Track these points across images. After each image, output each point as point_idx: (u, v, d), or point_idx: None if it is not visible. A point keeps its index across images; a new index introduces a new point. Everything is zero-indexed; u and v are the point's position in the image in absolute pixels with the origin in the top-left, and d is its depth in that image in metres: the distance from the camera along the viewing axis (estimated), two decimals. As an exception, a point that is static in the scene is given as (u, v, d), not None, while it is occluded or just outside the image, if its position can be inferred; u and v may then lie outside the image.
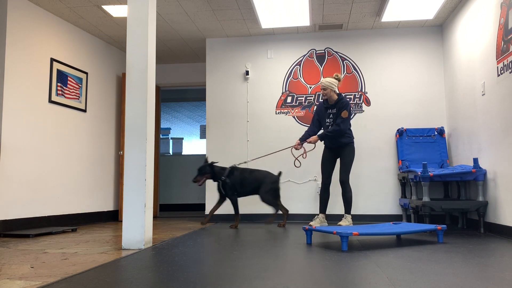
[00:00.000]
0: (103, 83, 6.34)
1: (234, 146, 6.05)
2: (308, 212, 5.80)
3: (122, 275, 2.35)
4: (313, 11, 5.30)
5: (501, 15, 3.98)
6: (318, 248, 3.25)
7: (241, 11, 5.29)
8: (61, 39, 5.46)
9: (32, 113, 4.94)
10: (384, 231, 3.33)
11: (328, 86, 4.81)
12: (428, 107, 5.74)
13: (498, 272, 2.32)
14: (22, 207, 4.75)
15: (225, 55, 6.22)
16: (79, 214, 5.68)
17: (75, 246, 3.57)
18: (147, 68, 3.55)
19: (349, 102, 5.01)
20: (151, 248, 3.36)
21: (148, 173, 3.47)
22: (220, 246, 3.42)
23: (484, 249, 3.19)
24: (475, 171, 4.36)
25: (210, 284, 2.09)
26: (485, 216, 4.43)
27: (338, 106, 4.86)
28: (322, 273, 2.33)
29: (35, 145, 4.97)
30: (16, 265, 2.70)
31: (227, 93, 6.15)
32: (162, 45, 6.49)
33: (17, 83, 4.73)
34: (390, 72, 5.87)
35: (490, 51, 4.22)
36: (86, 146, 5.87)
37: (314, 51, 6.04)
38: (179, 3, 5.05)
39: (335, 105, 4.89)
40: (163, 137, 10.10)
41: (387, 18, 5.40)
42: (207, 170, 5.02)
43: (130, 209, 3.42)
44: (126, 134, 3.51)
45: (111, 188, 6.42)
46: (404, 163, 5.43)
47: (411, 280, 2.14)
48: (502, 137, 4.02)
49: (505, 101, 3.93)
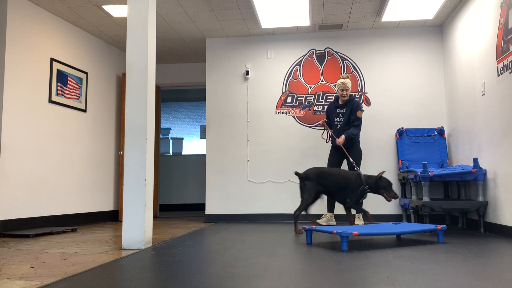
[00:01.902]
0: (103, 83, 6.34)
1: (234, 146, 6.05)
2: (312, 212, 5.79)
3: (122, 275, 2.35)
4: (313, 11, 5.30)
5: (501, 15, 3.98)
6: (318, 248, 3.25)
7: (241, 11, 5.28)
8: (61, 39, 5.46)
9: (32, 113, 4.94)
10: (384, 231, 3.33)
11: (349, 87, 5.05)
12: (428, 107, 5.73)
13: (498, 272, 2.32)
14: (22, 207, 4.75)
15: (225, 55, 6.22)
16: (79, 214, 5.68)
17: (75, 246, 3.56)
18: (147, 68, 3.55)
19: (360, 102, 5.22)
20: (151, 248, 3.36)
21: (148, 173, 3.47)
22: (220, 246, 3.42)
23: (484, 249, 3.18)
24: (475, 171, 4.35)
25: (210, 284, 2.09)
26: (485, 216, 4.43)
27: (350, 106, 5.05)
28: (322, 273, 2.33)
29: (35, 145, 4.96)
30: (16, 265, 2.70)
31: (227, 93, 6.15)
32: (162, 45, 6.49)
33: (17, 83, 4.73)
34: (390, 72, 5.87)
35: (490, 51, 4.22)
36: (86, 146, 5.87)
37: (314, 51, 6.04)
38: (179, 3, 5.05)
39: (345, 104, 5.08)
40: (163, 137, 10.10)
41: (387, 18, 5.40)
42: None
43: (130, 209, 3.42)
44: (126, 134, 3.51)
45: (111, 188, 6.42)
46: (404, 163, 5.43)
47: (411, 280, 2.14)
48: (502, 137, 4.02)
49: (505, 101, 3.93)
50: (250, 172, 5.97)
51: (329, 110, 5.27)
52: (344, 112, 5.07)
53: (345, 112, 5.07)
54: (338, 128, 5.11)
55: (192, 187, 8.83)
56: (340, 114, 5.11)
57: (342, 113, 5.09)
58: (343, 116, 5.08)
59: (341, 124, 5.09)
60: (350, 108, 5.04)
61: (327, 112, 5.29)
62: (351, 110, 5.04)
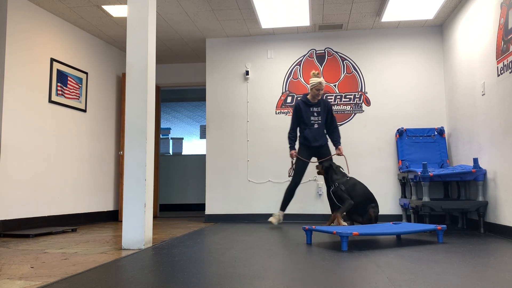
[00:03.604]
0: (103, 83, 6.34)
1: (234, 146, 6.05)
2: (308, 212, 5.80)
3: (122, 275, 2.35)
4: (313, 11, 5.30)
5: (501, 15, 3.98)
6: (318, 248, 3.25)
7: (241, 11, 5.29)
8: (61, 39, 5.46)
9: (32, 113, 4.94)
10: (384, 231, 3.33)
11: (324, 87, 4.95)
12: (428, 107, 5.74)
13: (498, 272, 2.32)
14: (22, 207, 4.75)
15: (225, 55, 6.22)
16: (79, 214, 5.68)
17: (75, 246, 3.57)
18: (147, 68, 3.55)
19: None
20: (151, 248, 3.36)
21: (148, 173, 3.47)
22: (219, 246, 3.42)
23: (484, 249, 3.18)
24: (475, 171, 4.35)
25: (210, 284, 2.09)
26: (485, 216, 4.43)
27: (325, 105, 4.99)
28: (322, 273, 2.33)
29: (35, 145, 4.96)
30: (16, 265, 2.70)
31: (227, 93, 6.15)
32: (162, 45, 6.49)
33: (17, 83, 4.73)
34: (390, 72, 5.87)
35: (490, 51, 4.22)
36: (86, 146, 5.87)
37: (314, 51, 6.04)
38: (179, 3, 5.05)
39: (319, 103, 4.99)
40: (163, 137, 10.10)
41: (387, 18, 5.40)
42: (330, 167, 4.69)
43: (130, 209, 3.42)
44: (126, 134, 3.51)
45: (111, 188, 6.42)
46: (404, 163, 5.43)
47: (411, 280, 2.14)
48: (502, 137, 4.02)
49: (505, 101, 3.93)
50: (250, 172, 5.97)
51: (299, 109, 4.98)
52: (320, 111, 4.96)
53: (321, 110, 4.96)
54: (317, 127, 4.94)
55: (192, 187, 8.83)
56: (315, 113, 4.96)
57: (318, 111, 4.95)
58: (318, 114, 4.95)
59: (319, 123, 4.95)
60: (325, 106, 4.96)
61: (298, 111, 4.98)
62: (327, 109, 4.97)
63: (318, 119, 4.97)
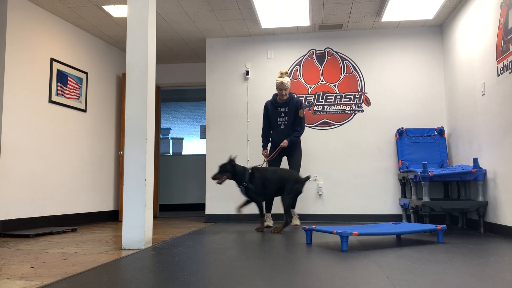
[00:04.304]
0: (103, 83, 6.34)
1: (234, 146, 6.05)
2: (308, 212, 5.80)
3: (122, 275, 2.35)
4: (313, 11, 5.30)
5: (501, 15, 3.98)
6: (318, 248, 3.25)
7: (241, 11, 5.29)
8: (61, 39, 5.46)
9: (32, 113, 4.94)
10: (384, 231, 3.33)
11: (288, 86, 4.88)
12: (428, 107, 5.74)
13: (498, 272, 2.32)
14: (22, 207, 4.75)
15: (225, 55, 6.22)
16: (79, 214, 5.68)
17: (75, 246, 3.57)
18: (147, 68, 3.55)
19: (301, 100, 5.13)
20: (151, 248, 3.36)
21: (148, 173, 3.47)
22: (219, 246, 3.42)
23: (484, 249, 3.19)
24: (475, 171, 4.36)
25: (210, 284, 2.09)
26: (485, 216, 4.43)
27: (294, 105, 4.92)
28: (322, 273, 2.33)
29: (35, 145, 4.97)
30: (16, 265, 2.70)
31: (227, 93, 6.15)
32: (162, 45, 6.49)
33: (17, 83, 4.73)
34: (390, 72, 5.87)
35: (490, 51, 4.22)
36: (86, 146, 5.87)
37: (314, 51, 6.04)
38: (179, 3, 5.06)
39: (287, 103, 4.95)
40: (163, 137, 10.10)
41: (387, 18, 5.40)
42: (228, 168, 4.56)
43: (130, 209, 3.42)
44: (126, 134, 3.51)
45: (111, 188, 6.42)
46: (404, 163, 5.43)
47: (411, 280, 2.14)
48: (502, 137, 4.02)
49: (505, 101, 3.93)
50: (250, 172, 5.97)
51: (268, 110, 5.03)
52: (287, 111, 4.92)
53: (288, 111, 4.92)
54: (283, 128, 4.94)
55: (192, 187, 8.83)
56: (282, 114, 4.95)
57: (285, 112, 4.93)
58: (286, 115, 4.93)
59: (285, 124, 4.93)
60: (294, 106, 4.90)
61: (266, 111, 5.05)
62: (296, 108, 4.90)
63: (284, 120, 4.95)
